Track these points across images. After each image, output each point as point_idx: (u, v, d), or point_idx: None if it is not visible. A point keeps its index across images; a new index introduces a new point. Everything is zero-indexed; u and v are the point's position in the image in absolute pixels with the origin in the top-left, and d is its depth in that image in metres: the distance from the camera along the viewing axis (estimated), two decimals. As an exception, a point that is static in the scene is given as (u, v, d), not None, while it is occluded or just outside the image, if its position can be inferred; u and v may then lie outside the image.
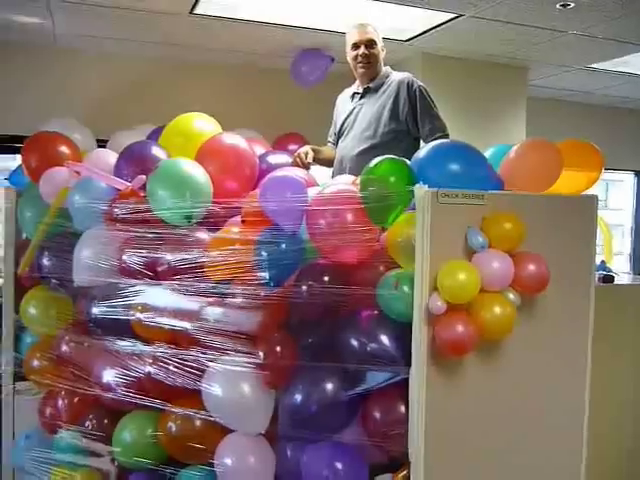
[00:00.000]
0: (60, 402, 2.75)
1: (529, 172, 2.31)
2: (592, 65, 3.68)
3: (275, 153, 3.11)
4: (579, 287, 2.35)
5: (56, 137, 2.93)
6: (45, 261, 2.76)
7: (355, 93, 3.25)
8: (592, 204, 2.37)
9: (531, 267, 2.12)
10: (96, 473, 2.70)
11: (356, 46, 3.04)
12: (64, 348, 2.71)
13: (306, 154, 2.97)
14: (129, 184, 2.54)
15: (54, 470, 2.76)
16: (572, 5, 2.64)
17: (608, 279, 2.71)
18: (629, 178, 6.46)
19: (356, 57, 3.05)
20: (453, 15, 2.91)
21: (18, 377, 2.96)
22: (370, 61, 3.06)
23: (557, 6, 2.68)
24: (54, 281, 2.78)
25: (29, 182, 2.91)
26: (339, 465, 2.25)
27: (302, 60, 3.46)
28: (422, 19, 3.01)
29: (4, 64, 3.53)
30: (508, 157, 2.38)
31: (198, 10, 2.90)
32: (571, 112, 4.71)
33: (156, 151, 2.71)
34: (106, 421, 2.63)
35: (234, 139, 2.79)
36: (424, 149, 2.33)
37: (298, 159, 2.96)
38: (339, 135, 3.29)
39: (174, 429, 2.41)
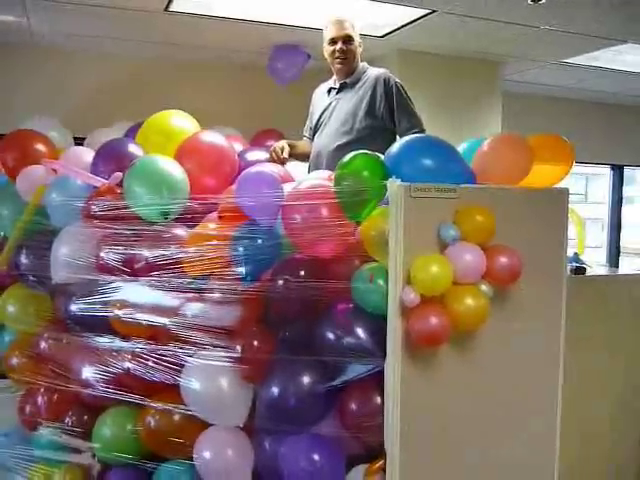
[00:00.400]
0: (40, 399, 2.75)
1: (501, 166, 2.35)
2: (565, 60, 3.73)
3: (254, 150, 3.13)
4: (551, 279, 2.38)
5: (32, 135, 2.93)
6: (23, 259, 2.76)
7: (332, 88, 3.26)
8: (563, 197, 2.41)
9: (503, 259, 2.16)
10: (77, 469, 2.71)
11: (333, 41, 3.06)
12: (43, 345, 2.71)
13: (282, 149, 2.99)
14: (106, 181, 2.55)
15: (34, 467, 2.77)
16: (543, 0, 2.69)
17: (580, 271, 2.76)
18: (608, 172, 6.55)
19: (333, 52, 3.07)
20: (427, 11, 2.94)
21: (-2, 376, 2.97)
22: (347, 57, 3.08)
23: (528, 1, 2.72)
24: (32, 279, 2.78)
25: (6, 180, 2.91)
26: (316, 457, 2.28)
27: (278, 57, 3.47)
28: (396, 15, 3.03)
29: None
30: (480, 151, 2.41)
31: (172, 7, 2.91)
32: (547, 107, 4.76)
33: (133, 148, 2.72)
34: (86, 417, 2.64)
35: (213, 137, 2.81)
36: (397, 144, 2.36)
37: (274, 154, 2.97)
38: (315, 130, 3.31)
39: (153, 424, 2.43)
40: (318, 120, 3.28)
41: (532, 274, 2.31)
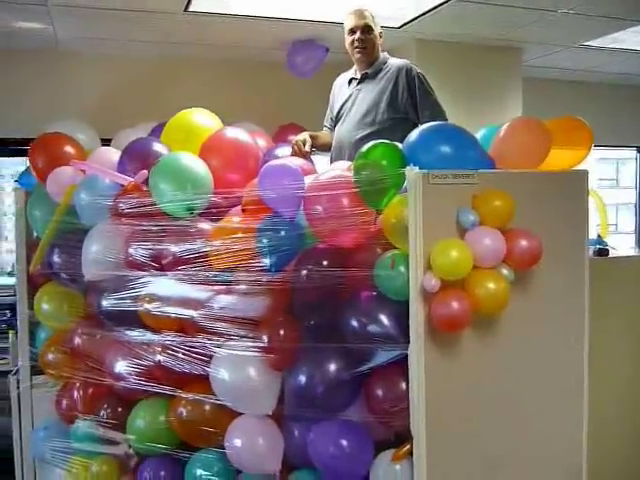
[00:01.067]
0: (76, 393, 2.84)
1: (518, 150, 2.36)
2: (587, 43, 3.70)
3: (282, 147, 3.17)
4: (572, 261, 2.40)
5: (61, 138, 3.01)
6: (56, 258, 2.85)
7: (353, 79, 3.27)
8: (583, 179, 2.42)
9: (523, 242, 2.17)
10: (113, 460, 2.80)
11: (352, 31, 3.07)
12: (77, 341, 2.80)
13: (304, 142, 3.02)
14: (132, 179, 2.62)
15: (72, 459, 2.87)
16: (558, -16, 2.70)
17: (603, 252, 2.76)
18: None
19: (353, 42, 3.09)
20: (441, 1, 2.96)
21: (34, 371, 3.07)
22: (366, 46, 3.09)
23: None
24: (65, 277, 2.87)
25: (37, 182, 3.00)
26: (345, 442, 2.33)
27: (297, 51, 3.51)
28: (412, 5, 3.05)
29: (10, 69, 3.62)
30: (498, 136, 2.43)
31: (192, 8, 2.97)
32: (570, 90, 4.71)
33: (157, 147, 2.79)
34: (120, 409, 2.72)
35: (236, 133, 2.86)
36: (415, 132, 2.39)
37: (296, 147, 3.01)
38: (336, 120, 3.33)
39: (184, 414, 2.49)
40: (339, 111, 3.30)
41: (553, 257, 2.32)
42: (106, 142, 3.26)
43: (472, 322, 2.18)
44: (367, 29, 3.07)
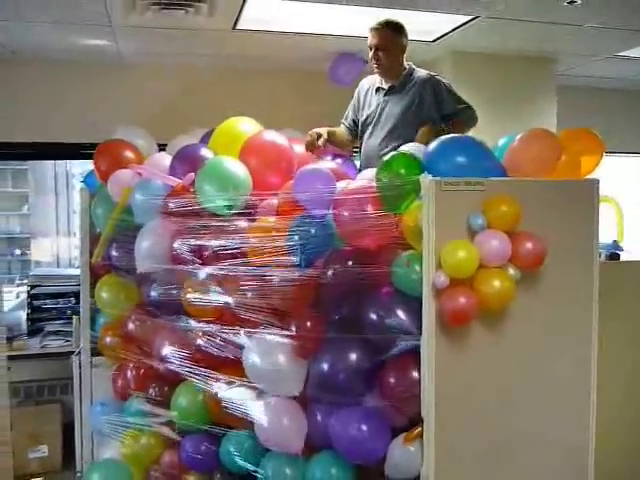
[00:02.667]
0: (129, 373, 3.16)
1: (529, 159, 2.53)
2: (618, 53, 3.79)
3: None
4: (581, 263, 2.55)
5: (121, 144, 3.33)
6: (113, 252, 3.17)
7: (380, 88, 3.35)
8: (592, 187, 2.56)
9: (528, 244, 2.35)
10: (160, 434, 3.09)
11: (370, 48, 3.18)
12: (130, 327, 3.11)
13: (319, 136, 3.14)
14: (180, 181, 2.91)
15: (125, 432, 3.17)
16: (579, 1, 2.81)
17: (614, 256, 2.89)
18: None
19: (371, 59, 3.21)
20: (469, 17, 3.13)
21: (94, 353, 3.41)
22: (380, 64, 3.18)
23: (564, 3, 2.85)
24: (121, 269, 3.19)
25: (100, 184, 3.33)
26: (364, 426, 2.54)
27: (338, 64, 3.74)
28: (442, 22, 3.22)
29: (78, 81, 3.98)
30: (511, 146, 2.61)
31: (239, 26, 3.25)
32: (608, 99, 4.76)
33: (204, 152, 3.08)
34: (166, 389, 3.01)
35: (272, 136, 3.09)
36: (433, 144, 2.59)
37: (309, 139, 3.13)
38: (362, 128, 3.44)
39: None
40: (366, 119, 3.41)
41: (562, 259, 2.48)
42: (163, 147, 3.57)
43: (481, 317, 2.38)
44: (381, 47, 3.14)
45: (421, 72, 3.27)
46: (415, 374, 2.45)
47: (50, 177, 6.51)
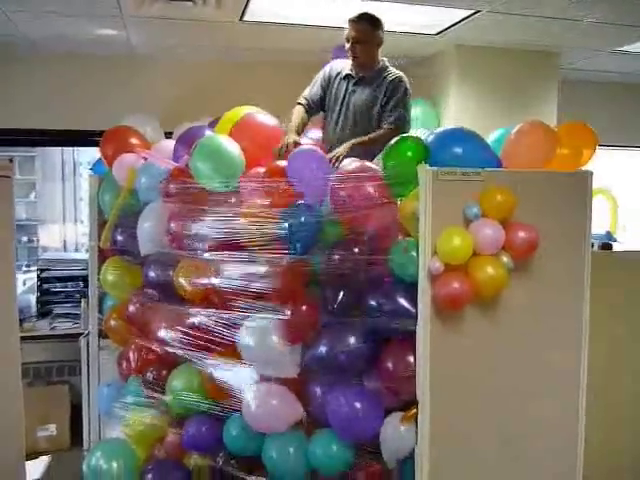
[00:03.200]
0: (130, 355, 3.23)
1: (525, 151, 2.61)
2: (621, 48, 3.84)
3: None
4: (573, 252, 2.62)
5: (127, 130, 3.38)
6: (119, 236, 3.23)
7: (349, 76, 3.33)
8: (586, 179, 2.64)
9: (521, 234, 2.43)
10: (162, 415, 3.18)
11: (347, 40, 3.19)
12: (132, 309, 3.17)
13: (295, 144, 3.05)
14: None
15: (129, 413, 3.27)
16: (578, -3, 2.89)
17: (607, 246, 2.96)
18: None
19: (348, 50, 3.22)
20: (471, 12, 3.19)
21: (102, 335, 3.50)
22: (356, 56, 3.19)
23: (563, -1, 2.93)
24: (127, 251, 3.23)
25: (107, 170, 3.40)
26: (358, 405, 2.63)
27: (339, 56, 3.80)
28: (444, 16, 3.29)
29: (89, 71, 4.06)
30: (508, 138, 2.69)
31: (246, 18, 3.33)
32: (610, 92, 4.80)
33: (208, 134, 3.12)
34: (164, 372, 3.07)
35: (263, 117, 3.22)
36: (434, 134, 2.68)
37: (285, 149, 3.00)
38: (323, 111, 3.45)
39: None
40: (329, 104, 3.39)
41: (555, 248, 2.56)
42: (170, 135, 3.65)
43: (475, 303, 2.47)
44: (360, 40, 3.15)
45: (392, 71, 3.27)
46: (411, 357, 2.55)
47: (58, 165, 6.59)
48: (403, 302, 2.56)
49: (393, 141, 2.66)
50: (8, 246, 2.05)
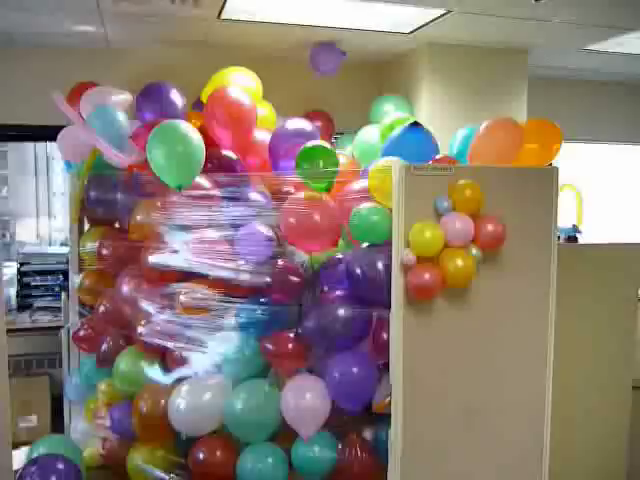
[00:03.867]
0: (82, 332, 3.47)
1: (492, 147, 2.74)
2: (589, 47, 3.95)
3: (294, 119, 3.50)
4: (539, 245, 2.76)
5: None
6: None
7: None
8: (552, 175, 2.76)
9: (489, 227, 2.56)
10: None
11: None
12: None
13: None
14: (124, 158, 3.07)
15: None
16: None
17: (572, 239, 3.10)
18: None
19: None
20: (442, 11, 3.28)
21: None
22: None
23: (532, 1, 3.02)
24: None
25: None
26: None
27: (317, 55, 3.88)
28: (417, 15, 3.37)
29: (66, 67, 4.07)
30: (477, 135, 2.81)
31: (223, 15, 3.39)
32: (577, 90, 4.93)
33: (174, 94, 3.33)
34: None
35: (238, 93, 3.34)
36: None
37: None
38: None
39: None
40: None
41: (521, 240, 2.70)
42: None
43: (446, 293, 2.59)
44: None
45: None
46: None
47: (30, 159, 6.55)
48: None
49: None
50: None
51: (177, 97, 3.44)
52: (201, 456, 2.87)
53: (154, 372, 3.04)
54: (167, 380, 3.00)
